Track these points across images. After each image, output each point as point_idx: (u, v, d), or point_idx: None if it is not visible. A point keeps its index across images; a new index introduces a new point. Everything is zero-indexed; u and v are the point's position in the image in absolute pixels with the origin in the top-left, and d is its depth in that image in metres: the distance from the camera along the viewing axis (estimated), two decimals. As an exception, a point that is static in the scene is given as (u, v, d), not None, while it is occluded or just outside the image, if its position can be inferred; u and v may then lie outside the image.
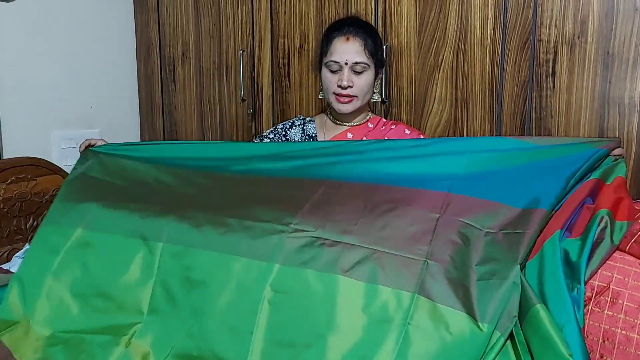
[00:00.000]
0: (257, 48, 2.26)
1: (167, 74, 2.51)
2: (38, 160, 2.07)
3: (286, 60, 2.21)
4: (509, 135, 1.86)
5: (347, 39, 1.68)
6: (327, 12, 2.10)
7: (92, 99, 2.38)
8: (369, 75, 1.69)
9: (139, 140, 2.62)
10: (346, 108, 1.71)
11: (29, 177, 2.02)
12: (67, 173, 2.16)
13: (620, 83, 1.70)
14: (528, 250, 1.23)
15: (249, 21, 2.26)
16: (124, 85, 2.54)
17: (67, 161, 2.25)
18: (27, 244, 1.92)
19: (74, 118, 2.31)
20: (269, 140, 1.83)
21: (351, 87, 1.68)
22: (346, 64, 1.67)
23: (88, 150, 1.75)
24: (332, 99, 1.72)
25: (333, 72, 1.69)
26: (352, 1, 2.05)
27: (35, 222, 2.04)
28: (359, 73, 1.68)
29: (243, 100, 2.32)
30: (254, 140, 1.87)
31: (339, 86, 1.68)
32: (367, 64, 1.68)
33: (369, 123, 1.80)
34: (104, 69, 2.43)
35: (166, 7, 2.46)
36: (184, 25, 2.43)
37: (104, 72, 2.43)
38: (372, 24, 1.97)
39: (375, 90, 1.77)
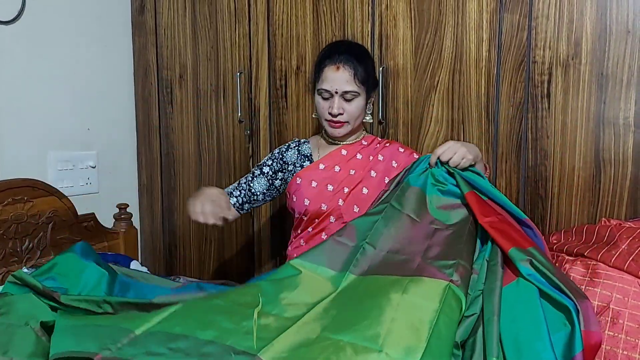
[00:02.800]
0: (254, 70, 2.28)
1: (165, 96, 2.52)
2: (34, 181, 2.06)
3: (283, 82, 2.23)
4: (505, 155, 1.88)
5: (338, 68, 1.69)
6: (323, 35, 2.12)
7: (89, 121, 2.38)
8: (359, 102, 1.72)
9: (136, 161, 2.62)
10: (338, 132, 1.75)
11: (25, 198, 2.01)
12: (63, 195, 2.16)
13: (615, 103, 1.72)
14: None
15: (247, 43, 2.28)
16: (121, 107, 2.55)
17: (63, 183, 2.24)
18: (24, 267, 1.91)
19: (70, 139, 2.31)
20: (268, 168, 1.85)
21: (342, 114, 1.71)
22: (336, 92, 1.69)
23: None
24: (325, 124, 1.76)
25: (325, 99, 1.72)
26: (348, 23, 2.07)
27: (31, 244, 2.02)
28: (349, 100, 1.70)
29: (240, 121, 2.32)
30: (254, 170, 1.88)
31: (330, 113, 1.71)
32: (357, 92, 1.70)
33: (363, 140, 1.82)
34: (102, 90, 2.44)
35: (164, 30, 2.48)
36: (181, 48, 2.45)
37: (102, 94, 2.44)
38: (369, 46, 1.99)
39: (368, 112, 1.79)
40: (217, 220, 1.65)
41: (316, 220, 1.75)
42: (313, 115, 1.84)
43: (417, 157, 1.80)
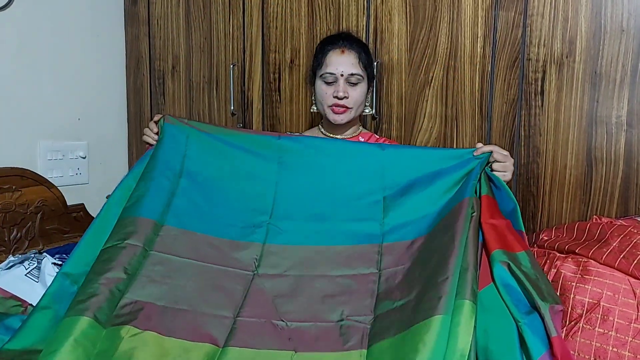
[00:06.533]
0: (247, 62, 2.26)
1: (157, 87, 2.50)
2: (23, 170, 2.04)
3: (277, 75, 2.21)
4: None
5: (342, 51, 1.70)
6: (318, 28, 2.11)
7: (80, 111, 2.36)
8: (363, 87, 1.72)
9: (127, 152, 2.60)
10: (341, 118, 1.72)
11: (13, 187, 1.99)
12: (53, 184, 2.14)
13: (608, 102, 1.73)
14: None
15: (240, 35, 2.27)
16: (113, 97, 2.53)
17: (52, 172, 2.22)
18: (10, 255, 1.88)
19: (61, 129, 2.28)
20: None
21: (347, 97, 1.69)
22: (342, 75, 1.69)
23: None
24: (327, 111, 1.73)
25: (328, 83, 1.71)
26: (343, 17, 2.07)
27: (19, 234, 2.00)
28: (354, 84, 1.70)
29: (233, 114, 2.31)
30: None
31: (335, 97, 1.69)
32: (362, 76, 1.70)
33: (360, 137, 1.81)
34: (93, 80, 2.41)
35: (157, 21, 2.46)
36: (174, 38, 2.43)
37: (93, 84, 2.41)
38: (364, 40, 1.98)
39: (366, 104, 1.79)
40: None
41: None
42: (311, 110, 1.82)
43: None
